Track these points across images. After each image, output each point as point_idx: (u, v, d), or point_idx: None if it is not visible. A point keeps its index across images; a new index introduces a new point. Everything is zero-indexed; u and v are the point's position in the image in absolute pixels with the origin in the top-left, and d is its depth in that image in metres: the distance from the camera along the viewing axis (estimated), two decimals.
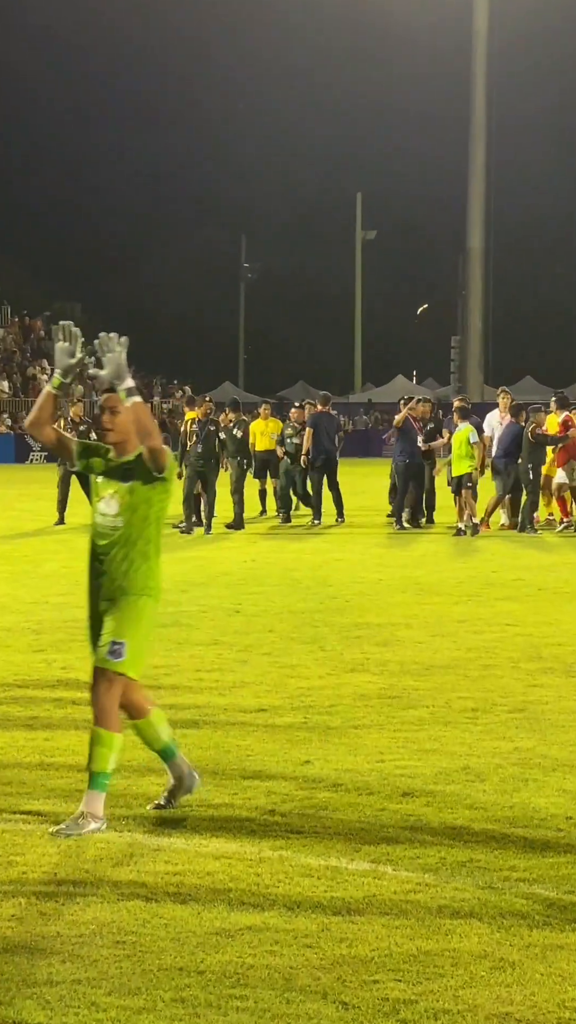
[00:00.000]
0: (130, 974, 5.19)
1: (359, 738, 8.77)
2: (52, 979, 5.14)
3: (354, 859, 6.45)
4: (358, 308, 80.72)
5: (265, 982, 5.13)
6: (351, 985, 5.11)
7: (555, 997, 5.02)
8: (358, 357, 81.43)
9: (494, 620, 13.70)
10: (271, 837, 6.76)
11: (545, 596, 15.56)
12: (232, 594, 15.64)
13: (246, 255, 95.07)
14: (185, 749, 8.40)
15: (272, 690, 10.26)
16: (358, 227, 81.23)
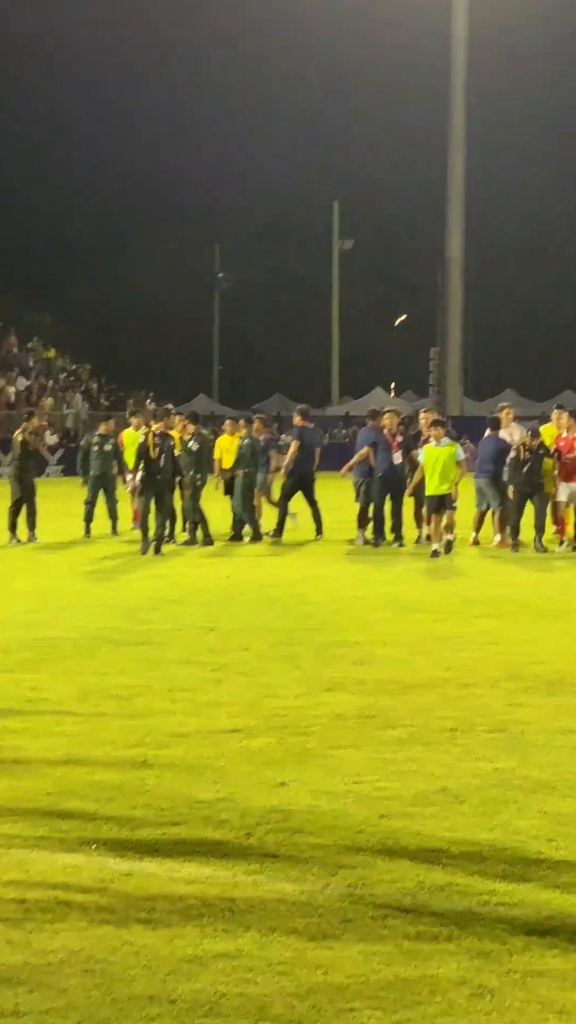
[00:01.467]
0: (99, 1004, 5.18)
1: (336, 759, 8.77)
2: (19, 1010, 5.12)
3: (330, 883, 6.45)
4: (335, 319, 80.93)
5: (238, 1011, 5.12)
6: (326, 1013, 5.10)
7: None
8: (335, 369, 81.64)
9: (474, 638, 13.71)
10: (245, 861, 6.75)
11: (526, 614, 15.59)
12: (207, 612, 15.62)
13: (220, 264, 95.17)
14: (157, 770, 8.41)
15: (247, 710, 10.25)
16: (335, 236, 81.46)
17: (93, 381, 71.34)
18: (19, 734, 9.42)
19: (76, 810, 7.58)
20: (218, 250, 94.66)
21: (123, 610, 15.65)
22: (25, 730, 9.54)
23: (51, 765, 8.57)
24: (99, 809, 7.61)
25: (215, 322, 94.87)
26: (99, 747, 9.05)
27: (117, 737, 9.33)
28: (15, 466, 24.97)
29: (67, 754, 8.85)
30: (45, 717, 9.96)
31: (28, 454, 24.91)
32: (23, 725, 9.69)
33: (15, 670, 11.85)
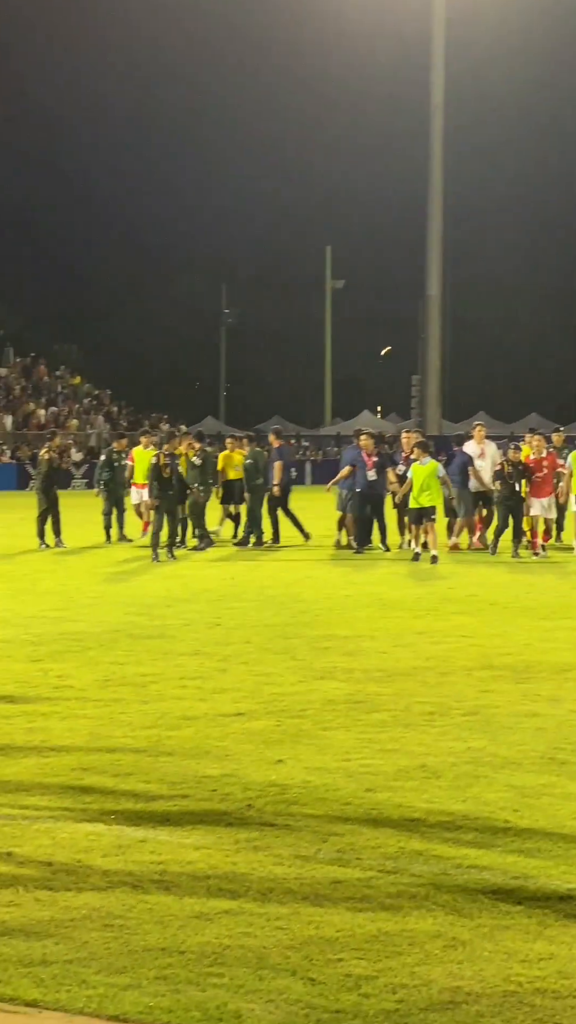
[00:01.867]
0: (117, 954, 5.18)
1: (327, 739, 8.77)
2: (46, 959, 5.13)
3: (321, 849, 6.45)
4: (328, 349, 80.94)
5: (240, 961, 5.12)
6: (318, 963, 5.11)
7: (502, 972, 5.03)
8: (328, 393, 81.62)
9: (450, 632, 13.70)
10: (247, 829, 6.75)
11: (496, 611, 15.57)
12: (213, 609, 15.61)
13: (226, 302, 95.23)
14: (169, 749, 8.41)
15: (248, 696, 10.25)
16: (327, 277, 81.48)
17: (114, 405, 71.31)
18: (47, 717, 9.42)
19: (97, 784, 7.59)
20: (224, 290, 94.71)
21: (139, 607, 15.64)
22: (52, 713, 9.54)
23: (75, 744, 8.57)
24: (117, 783, 7.61)
25: (222, 352, 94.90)
26: (118, 728, 9.05)
27: (134, 720, 9.33)
28: (41, 480, 24.99)
29: (89, 735, 8.85)
30: (70, 702, 9.96)
31: (52, 469, 24.92)
32: (50, 709, 9.69)
33: (43, 660, 11.85)
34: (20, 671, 11.28)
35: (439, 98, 65.53)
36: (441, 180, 66.42)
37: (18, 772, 7.85)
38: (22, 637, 13.22)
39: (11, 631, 13.64)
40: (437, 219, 67.00)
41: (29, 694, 10.26)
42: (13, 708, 9.71)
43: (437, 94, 65.52)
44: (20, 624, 14.17)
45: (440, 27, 64.36)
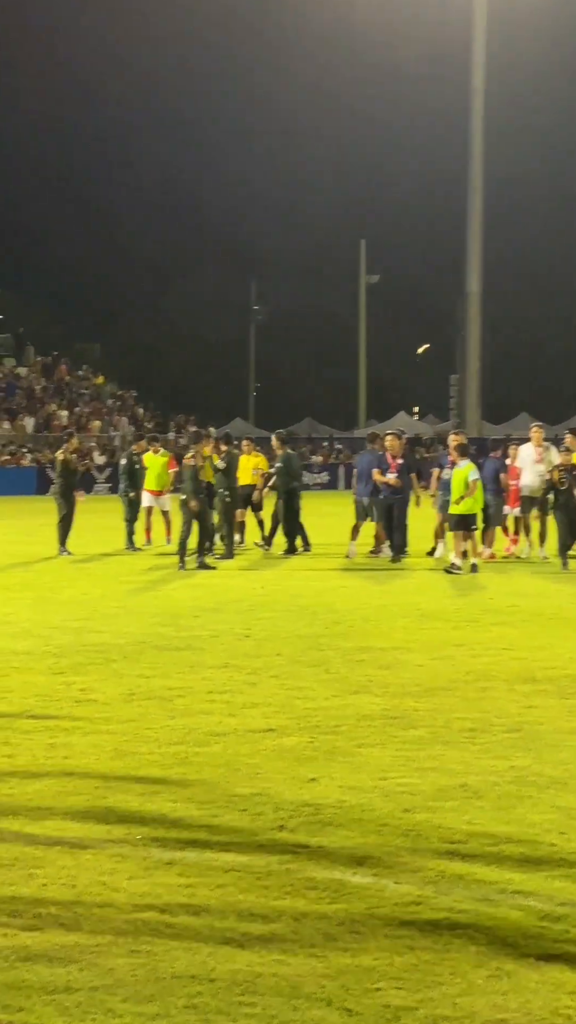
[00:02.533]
0: (144, 982, 5.18)
1: (362, 757, 8.76)
2: (70, 986, 5.13)
3: (357, 872, 6.43)
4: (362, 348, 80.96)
5: (273, 990, 5.11)
6: (355, 993, 5.10)
7: (549, 1004, 5.00)
8: (362, 394, 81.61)
9: (491, 644, 13.66)
10: (279, 851, 6.75)
11: (539, 622, 15.52)
12: (242, 619, 15.62)
13: (255, 298, 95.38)
14: (197, 766, 8.41)
15: (280, 711, 10.25)
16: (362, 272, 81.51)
17: (139, 406, 71.51)
18: (69, 732, 9.44)
19: (122, 803, 7.60)
20: (254, 285, 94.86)
21: (165, 618, 15.66)
22: (75, 728, 9.57)
23: (99, 761, 8.59)
24: (143, 803, 7.62)
25: (251, 351, 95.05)
26: (143, 744, 9.07)
27: (160, 735, 9.35)
28: (59, 484, 25.04)
29: (114, 751, 8.87)
30: (93, 716, 9.98)
31: (69, 472, 24.95)
32: (73, 724, 9.71)
33: (66, 673, 11.88)
34: (41, 684, 11.31)
35: (479, 80, 65.40)
36: (482, 170, 66.34)
37: (39, 790, 7.87)
38: (43, 648, 13.26)
39: (32, 642, 13.69)
40: (477, 211, 66.91)
41: (50, 708, 10.29)
42: (34, 723, 9.74)
43: (477, 76, 65.39)
44: (41, 635, 14.22)
45: (481, 7, 64.29)
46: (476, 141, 66.15)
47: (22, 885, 6.23)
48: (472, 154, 66.45)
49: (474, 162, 66.41)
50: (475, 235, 67.43)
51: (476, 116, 65.75)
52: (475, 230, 67.32)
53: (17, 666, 12.21)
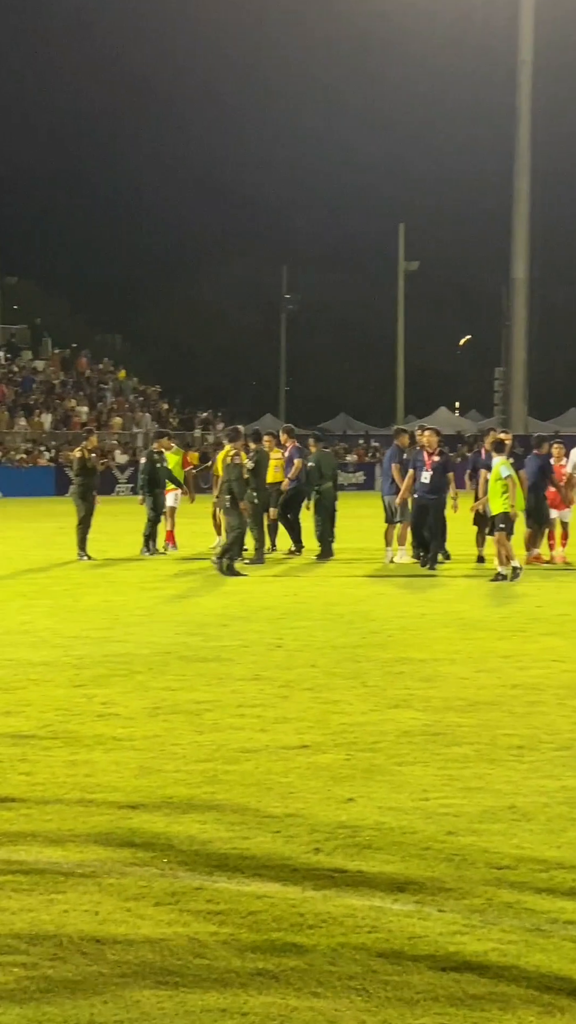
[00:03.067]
0: (172, 1015, 5.18)
1: (403, 776, 8.74)
2: (94, 1020, 5.14)
3: (398, 899, 6.42)
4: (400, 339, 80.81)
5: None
6: None
7: None
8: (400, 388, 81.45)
9: (539, 656, 13.63)
10: (314, 876, 6.74)
11: None
12: (273, 629, 15.63)
13: (287, 286, 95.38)
14: (226, 785, 8.41)
15: (314, 726, 10.25)
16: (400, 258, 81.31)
17: (163, 401, 71.67)
18: (91, 748, 9.47)
19: (147, 824, 7.60)
20: (285, 272, 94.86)
21: (192, 626, 15.69)
22: (96, 745, 9.59)
23: (122, 779, 8.61)
24: (170, 824, 7.63)
25: (282, 343, 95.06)
26: (169, 762, 9.08)
27: (187, 752, 9.36)
28: (78, 484, 25.11)
29: (138, 768, 8.88)
30: (116, 732, 10.01)
31: (88, 472, 24.98)
32: (95, 739, 9.74)
33: (87, 685, 11.91)
34: (61, 697, 11.35)
35: (527, 52, 65.17)
36: (529, 148, 66.18)
37: (60, 810, 7.88)
38: (63, 659, 13.30)
39: (51, 652, 13.73)
40: (524, 193, 66.75)
41: (71, 723, 10.32)
42: (54, 739, 9.77)
43: (525, 47, 65.16)
44: (61, 645, 14.27)
45: None
46: (524, 116, 65.98)
47: (42, 911, 6.24)
48: (519, 130, 66.28)
49: (521, 139, 66.24)
50: (522, 218, 67.27)
51: (524, 91, 65.57)
52: (522, 213, 67.15)
53: (35, 678, 12.25)
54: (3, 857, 7.01)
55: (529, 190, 66.68)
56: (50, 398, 64.64)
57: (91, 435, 26.56)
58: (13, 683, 11.99)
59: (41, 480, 54.38)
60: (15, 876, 6.70)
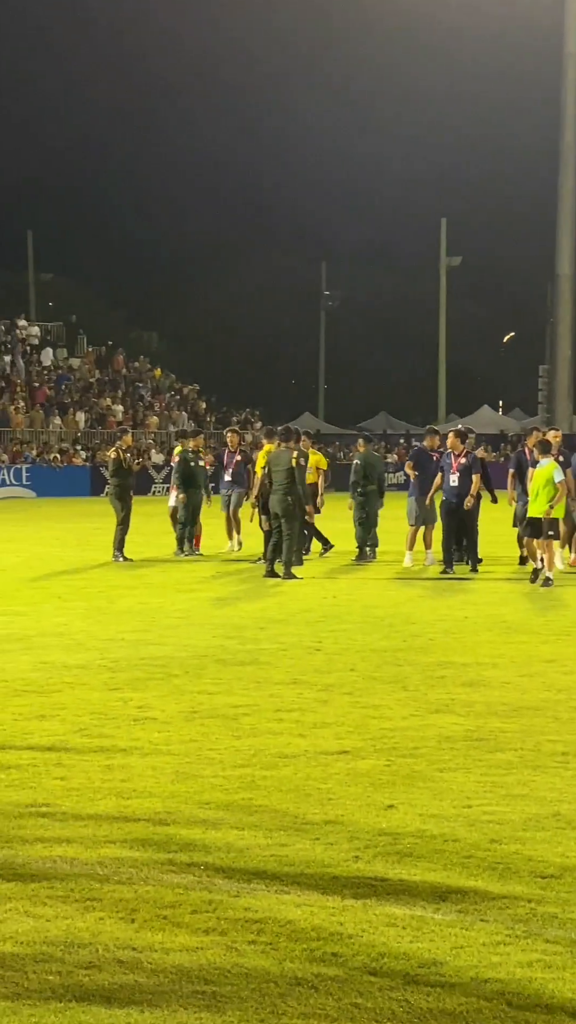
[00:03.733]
0: None
1: (444, 782, 8.72)
2: None
3: (440, 908, 6.41)
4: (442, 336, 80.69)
5: None
6: None
7: None
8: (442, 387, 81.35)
9: None
10: (354, 884, 6.73)
11: None
12: (312, 632, 15.63)
13: (327, 282, 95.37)
14: (264, 791, 8.42)
15: (354, 731, 10.24)
16: (442, 253, 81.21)
17: (201, 400, 71.77)
18: (126, 753, 9.49)
19: (184, 831, 7.62)
20: (324, 268, 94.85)
21: (229, 629, 15.71)
22: (132, 749, 9.61)
23: (159, 784, 8.62)
24: (207, 830, 7.64)
25: (321, 340, 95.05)
26: (206, 767, 9.09)
27: (224, 757, 9.37)
28: (114, 485, 25.15)
29: (175, 773, 8.90)
30: (153, 736, 10.03)
31: (124, 472, 25.01)
32: (130, 744, 9.76)
33: (123, 688, 11.94)
34: (96, 701, 11.38)
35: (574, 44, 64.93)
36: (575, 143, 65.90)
37: (95, 816, 7.91)
38: (98, 662, 13.35)
39: (86, 655, 13.78)
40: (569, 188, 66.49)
41: (107, 727, 10.34)
42: (89, 743, 9.80)
43: (572, 40, 64.92)
44: (96, 647, 14.31)
45: None
46: (569, 109, 65.73)
47: (78, 919, 6.26)
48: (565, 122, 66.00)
49: (567, 133, 65.99)
50: (566, 213, 67.02)
51: (570, 84, 65.31)
52: (567, 207, 66.89)
53: (70, 681, 12.30)
54: (38, 864, 7.03)
55: (574, 185, 66.39)
56: (85, 397, 64.84)
57: (126, 434, 26.63)
58: (48, 686, 12.04)
59: (76, 480, 54.56)
60: (50, 883, 6.72)
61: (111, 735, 10.06)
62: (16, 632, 15.45)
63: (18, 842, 7.39)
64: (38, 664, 13.22)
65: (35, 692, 11.76)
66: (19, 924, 6.18)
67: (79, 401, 63.85)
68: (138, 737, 10.00)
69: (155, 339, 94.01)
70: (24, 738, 9.93)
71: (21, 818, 7.82)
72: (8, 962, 5.74)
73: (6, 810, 7.98)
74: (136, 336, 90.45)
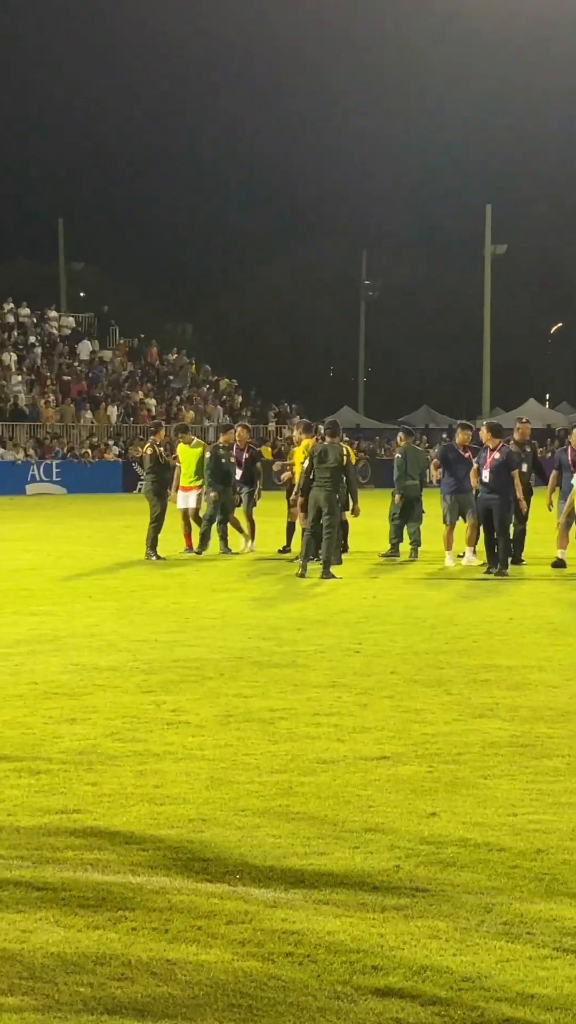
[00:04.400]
0: None
1: (489, 789, 8.70)
2: None
3: (485, 920, 6.38)
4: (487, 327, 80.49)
5: None
6: None
7: None
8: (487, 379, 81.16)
9: None
10: (395, 895, 6.72)
11: None
12: (351, 633, 15.62)
13: (367, 271, 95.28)
14: (302, 798, 8.41)
15: (395, 736, 10.23)
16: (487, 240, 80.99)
17: (237, 393, 71.84)
18: (160, 758, 9.50)
19: (219, 837, 7.62)
20: (365, 257, 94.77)
21: (266, 630, 15.71)
22: (166, 754, 9.62)
23: (193, 790, 8.63)
24: (243, 837, 7.64)
25: (361, 331, 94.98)
26: (242, 772, 9.09)
27: (260, 762, 9.37)
28: (149, 481, 25.16)
29: (209, 779, 8.90)
30: (186, 740, 10.04)
31: (160, 467, 25.07)
32: (163, 749, 9.77)
33: (156, 691, 11.96)
34: (129, 704, 11.40)
35: None
36: None
37: (128, 822, 7.92)
38: (131, 664, 13.37)
39: (118, 657, 13.81)
40: None
41: (139, 731, 10.36)
42: (122, 747, 9.82)
43: None
44: (129, 649, 14.34)
45: None
46: None
47: (109, 929, 6.27)
48: None
49: None
50: None
51: None
52: None
53: (102, 684, 12.33)
54: (69, 872, 7.05)
55: None
56: (117, 390, 64.99)
57: (159, 429, 26.56)
58: (79, 689, 12.07)
59: (107, 476, 54.68)
60: (81, 892, 6.73)
61: (144, 739, 10.08)
62: (46, 633, 15.50)
63: (48, 849, 7.41)
64: (69, 666, 13.25)
65: (65, 695, 11.80)
66: (49, 935, 6.19)
67: (111, 395, 64.00)
68: (171, 741, 10.01)
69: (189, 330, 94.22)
70: (54, 742, 9.96)
71: (51, 825, 7.84)
72: (38, 974, 5.76)
73: (36, 817, 8.01)
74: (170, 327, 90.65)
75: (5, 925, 6.30)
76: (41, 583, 20.97)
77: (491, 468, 22.32)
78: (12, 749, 9.72)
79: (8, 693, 11.84)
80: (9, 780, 8.84)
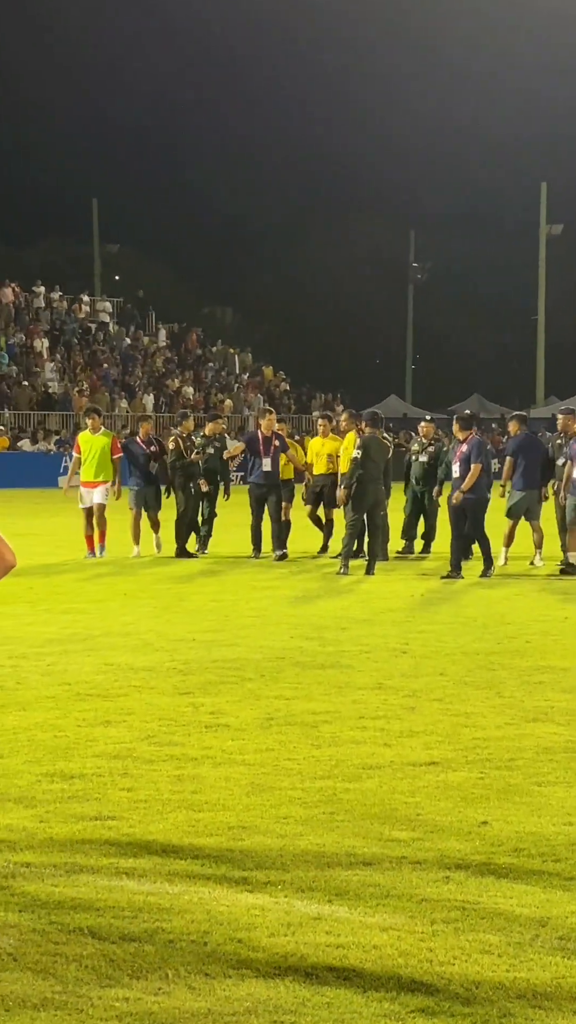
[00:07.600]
0: None
1: (543, 797, 8.68)
2: None
3: (539, 935, 6.36)
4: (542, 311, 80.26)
5: None
6: None
7: None
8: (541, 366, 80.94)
9: None
10: (445, 907, 6.71)
11: None
12: (398, 632, 15.61)
13: (415, 253, 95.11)
14: (347, 805, 8.41)
15: (444, 741, 10.21)
16: (542, 220, 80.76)
17: (283, 382, 71.85)
18: (198, 762, 9.52)
19: (260, 846, 7.63)
20: (413, 237, 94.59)
21: (308, 629, 15.72)
22: (204, 758, 9.64)
23: (233, 797, 8.64)
24: (284, 846, 7.64)
25: (408, 316, 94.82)
26: (284, 778, 9.10)
27: (303, 768, 9.37)
28: (176, 474, 24.71)
29: (250, 785, 8.91)
30: (226, 744, 10.05)
31: (184, 461, 24.57)
32: (202, 753, 9.79)
33: (194, 693, 11.98)
34: (166, 706, 11.43)
35: None
36: None
37: (165, 830, 7.94)
38: (168, 664, 13.40)
39: (155, 657, 13.84)
40: None
41: (176, 734, 10.38)
42: (158, 751, 9.84)
43: None
44: (166, 649, 14.38)
45: None
46: None
47: (146, 941, 6.28)
48: None
49: None
50: None
51: None
52: None
53: (138, 685, 12.36)
54: (103, 881, 7.07)
55: None
56: (155, 377, 65.12)
57: (186, 419, 26.02)
58: (114, 690, 12.11)
59: None
60: (116, 902, 6.75)
61: (181, 743, 10.10)
62: (80, 632, 15.55)
63: (82, 856, 7.43)
64: (103, 666, 13.30)
65: (100, 696, 11.83)
66: (83, 947, 6.21)
67: (149, 382, 64.15)
68: (210, 745, 10.03)
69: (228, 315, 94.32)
70: (88, 746, 9.99)
71: (84, 832, 7.87)
72: (72, 988, 5.78)
73: (68, 824, 8.04)
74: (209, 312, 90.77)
75: (37, 937, 6.32)
76: (73, 580, 21.05)
77: (460, 462, 21.54)
78: (44, 753, 9.76)
79: (40, 694, 11.89)
80: (41, 785, 8.87)
